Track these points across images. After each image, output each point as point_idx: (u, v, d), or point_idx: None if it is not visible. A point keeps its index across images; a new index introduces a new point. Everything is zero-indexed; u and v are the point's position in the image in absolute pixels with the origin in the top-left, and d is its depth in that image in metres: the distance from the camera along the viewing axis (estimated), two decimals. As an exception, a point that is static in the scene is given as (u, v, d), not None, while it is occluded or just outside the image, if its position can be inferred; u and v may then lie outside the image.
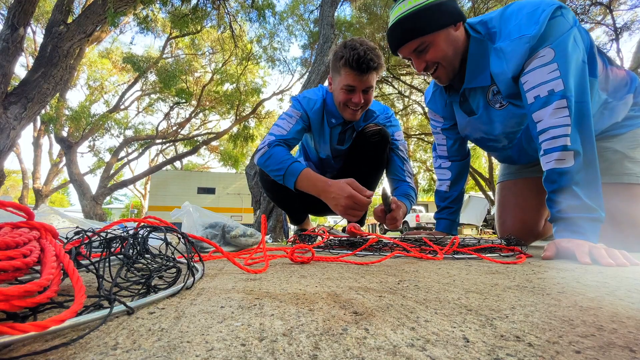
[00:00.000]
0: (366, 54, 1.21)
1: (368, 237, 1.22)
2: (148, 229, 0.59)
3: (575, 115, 0.94)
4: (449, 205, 1.50)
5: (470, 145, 1.71)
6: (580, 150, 0.93)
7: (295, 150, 1.78)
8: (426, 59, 1.13)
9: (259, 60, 11.37)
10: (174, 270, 0.55)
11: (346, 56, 1.23)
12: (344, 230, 1.88)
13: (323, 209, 1.78)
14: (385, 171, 1.60)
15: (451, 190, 1.50)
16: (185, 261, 0.57)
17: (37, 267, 0.36)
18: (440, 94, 1.39)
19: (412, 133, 13.58)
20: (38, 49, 4.58)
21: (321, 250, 1.23)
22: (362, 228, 1.69)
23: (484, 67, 1.13)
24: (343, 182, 1.16)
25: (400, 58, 1.21)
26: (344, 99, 1.33)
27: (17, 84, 4.11)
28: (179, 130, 13.18)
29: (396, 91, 11.43)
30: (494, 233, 11.87)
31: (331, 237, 1.28)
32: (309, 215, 1.89)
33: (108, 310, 0.33)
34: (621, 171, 1.20)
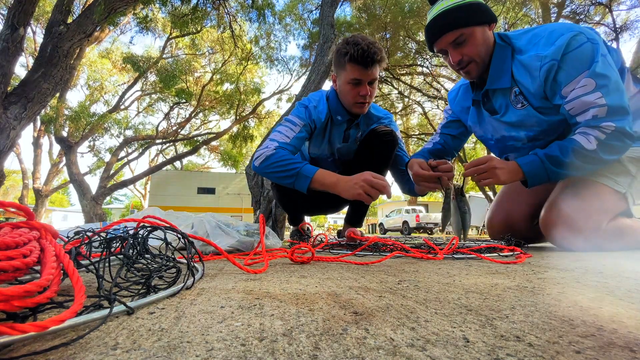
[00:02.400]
0: (369, 48, 1.27)
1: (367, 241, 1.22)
2: (148, 228, 0.59)
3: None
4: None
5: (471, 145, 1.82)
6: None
7: None
8: (463, 52, 1.19)
9: (258, 60, 11.37)
10: (174, 270, 0.55)
11: (351, 52, 1.27)
12: (339, 233, 1.89)
13: (324, 208, 1.80)
14: (392, 170, 1.65)
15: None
16: (185, 261, 0.57)
17: (37, 267, 0.36)
18: (465, 91, 1.45)
19: (412, 133, 13.58)
20: (38, 49, 4.58)
21: (321, 250, 1.22)
22: (361, 229, 1.70)
23: (505, 70, 1.20)
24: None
25: (436, 52, 1.26)
26: (351, 93, 1.36)
27: (17, 84, 4.11)
28: (179, 130, 13.17)
29: (396, 91, 11.43)
30: (494, 233, 11.80)
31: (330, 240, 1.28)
32: (309, 215, 1.92)
33: (108, 310, 0.33)
34: (601, 172, 1.20)
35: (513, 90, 1.23)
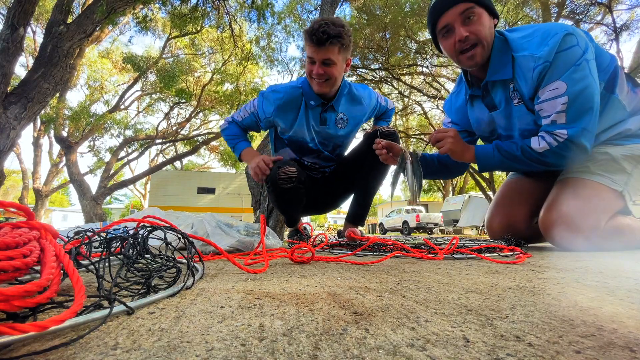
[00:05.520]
0: (320, 27, 1.27)
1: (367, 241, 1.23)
2: (148, 229, 0.59)
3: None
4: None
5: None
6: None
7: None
8: (471, 29, 1.14)
9: (258, 60, 11.36)
10: (173, 270, 0.55)
11: (308, 29, 1.32)
12: (340, 233, 1.89)
13: (321, 208, 1.80)
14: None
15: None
16: (185, 261, 0.57)
17: (37, 267, 0.36)
18: (458, 93, 1.47)
19: (411, 133, 13.57)
20: (38, 49, 4.58)
21: (321, 250, 1.23)
22: (361, 229, 1.70)
23: (506, 62, 1.19)
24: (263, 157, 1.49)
25: (438, 30, 1.21)
26: (308, 71, 1.42)
27: (17, 84, 4.10)
28: (179, 130, 13.17)
29: (396, 91, 11.42)
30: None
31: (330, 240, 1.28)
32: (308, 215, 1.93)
33: (108, 310, 0.33)
34: (596, 171, 1.21)
35: (511, 85, 1.22)
